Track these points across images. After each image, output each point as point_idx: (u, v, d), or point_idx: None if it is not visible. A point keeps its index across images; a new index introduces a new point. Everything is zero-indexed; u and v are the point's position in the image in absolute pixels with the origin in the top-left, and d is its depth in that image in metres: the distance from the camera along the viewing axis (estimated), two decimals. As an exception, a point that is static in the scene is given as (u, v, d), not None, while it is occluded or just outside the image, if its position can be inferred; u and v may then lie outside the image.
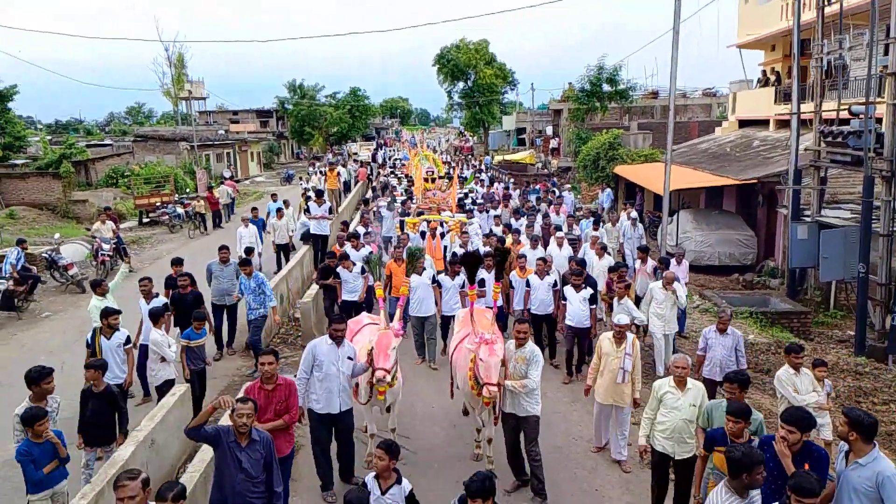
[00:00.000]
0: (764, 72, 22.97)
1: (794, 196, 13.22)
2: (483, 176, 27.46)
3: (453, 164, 31.08)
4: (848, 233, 11.29)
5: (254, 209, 16.25)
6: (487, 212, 16.46)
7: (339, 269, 10.48)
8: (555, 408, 8.25)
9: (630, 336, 7.02)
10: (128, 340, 7.51)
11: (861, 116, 10.90)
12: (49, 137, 47.63)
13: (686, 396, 5.60)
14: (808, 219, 13.05)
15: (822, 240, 11.47)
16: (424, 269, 9.90)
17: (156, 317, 7.75)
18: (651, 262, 10.76)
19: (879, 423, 7.62)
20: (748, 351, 9.32)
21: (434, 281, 9.91)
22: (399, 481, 4.65)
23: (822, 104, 13.09)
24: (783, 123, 19.03)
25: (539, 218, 14.87)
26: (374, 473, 4.68)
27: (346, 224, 14.55)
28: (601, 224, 15.09)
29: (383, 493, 4.58)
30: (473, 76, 51.65)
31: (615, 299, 8.97)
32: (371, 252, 11.16)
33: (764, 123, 21.52)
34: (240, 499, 4.62)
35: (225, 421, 5.68)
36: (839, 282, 12.77)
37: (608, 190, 23.56)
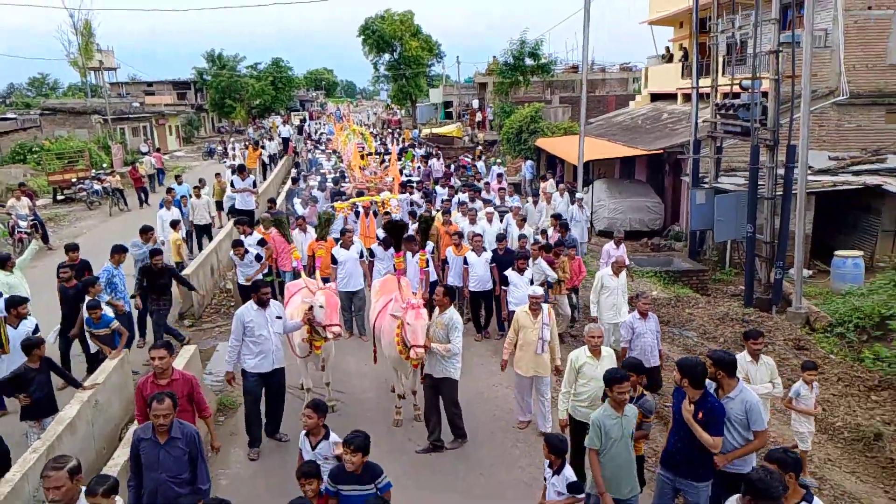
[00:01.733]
0: (667, 48, 24.31)
1: (694, 165, 14.42)
2: (418, 152, 26.74)
3: (386, 141, 30.90)
4: (739, 197, 12.52)
5: (169, 189, 14.99)
6: (426, 192, 15.77)
7: (231, 255, 10.39)
8: (478, 387, 8.31)
9: (545, 306, 7.14)
10: (36, 329, 7.11)
11: (750, 91, 12.03)
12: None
13: (603, 363, 5.76)
14: (706, 185, 14.27)
15: (716, 204, 12.66)
16: (353, 243, 9.95)
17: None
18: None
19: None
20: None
21: (361, 255, 9.93)
22: (327, 436, 4.86)
23: (718, 80, 14.23)
24: (689, 97, 20.39)
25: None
26: (304, 431, 4.90)
27: (272, 201, 14.16)
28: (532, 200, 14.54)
29: (313, 448, 4.84)
30: (399, 48, 51.33)
31: (530, 260, 9.18)
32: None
33: (673, 97, 22.88)
34: (161, 499, 4.39)
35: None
36: (733, 242, 14.10)
37: (530, 162, 24.53)
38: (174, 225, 11.57)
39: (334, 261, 9.75)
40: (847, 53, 15.78)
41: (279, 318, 6.65)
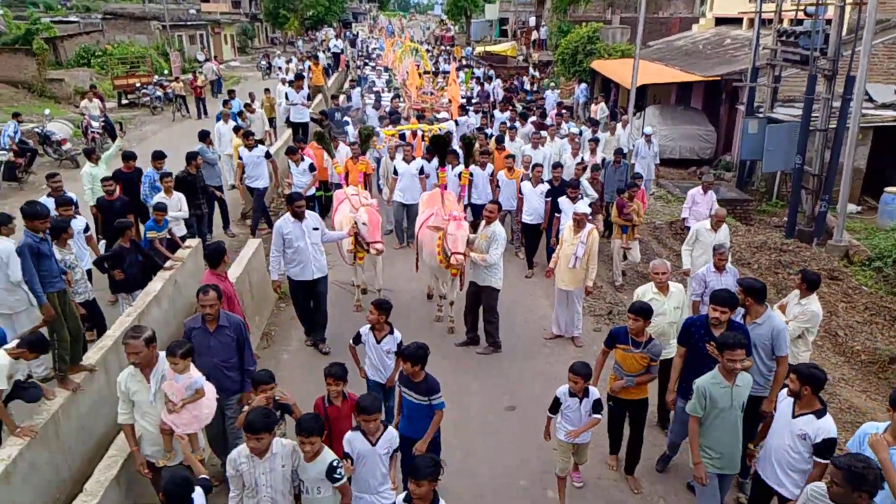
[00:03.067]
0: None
1: (750, 93, 14.18)
2: (477, 73, 26.25)
3: (443, 58, 30.41)
4: (790, 128, 12.38)
5: (226, 102, 15.18)
6: (485, 113, 16.01)
7: (288, 162, 10.71)
8: (519, 298, 8.96)
9: (589, 225, 7.37)
10: (87, 228, 7.51)
11: (814, 17, 11.67)
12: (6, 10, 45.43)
13: (669, 300, 5.80)
14: (761, 115, 14.07)
15: (767, 133, 12.56)
16: (413, 158, 10.31)
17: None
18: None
19: (787, 290, 9.07)
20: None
21: (421, 171, 10.22)
22: (392, 332, 5.23)
23: (782, 4, 13.73)
24: (765, 24, 19.57)
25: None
26: (368, 326, 5.21)
27: (323, 113, 14.23)
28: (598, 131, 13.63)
29: (378, 342, 5.19)
30: (456, -42, 49.77)
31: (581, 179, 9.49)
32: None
33: (738, 21, 21.92)
34: (213, 382, 4.59)
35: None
36: (782, 174, 14.02)
37: (584, 85, 24.18)
38: (236, 131, 12.18)
39: (395, 172, 10.25)
40: (929, -21, 14.92)
41: (316, 229, 6.87)
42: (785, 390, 4.35)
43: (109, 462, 4.29)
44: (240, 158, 10.76)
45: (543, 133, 12.39)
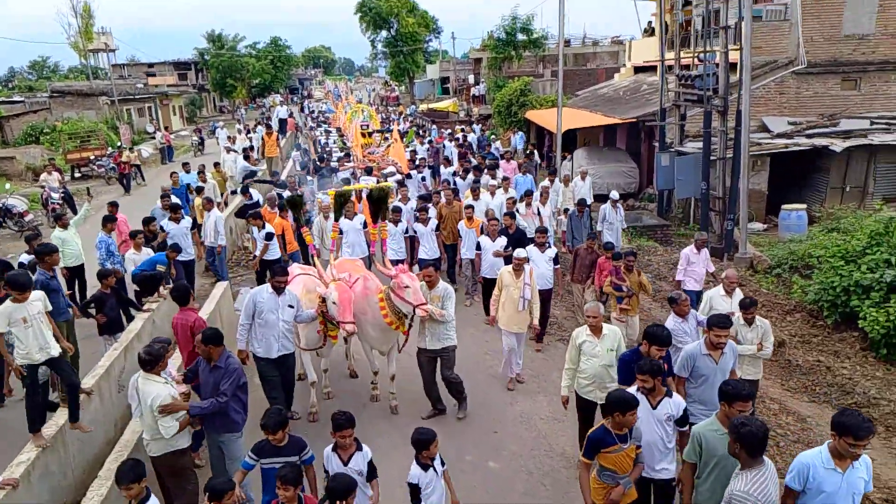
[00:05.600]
0: (649, 22, 25.60)
1: (661, 131, 15.93)
2: (433, 134, 26.14)
3: (392, 118, 31.96)
4: (696, 158, 14.04)
5: (173, 174, 15.09)
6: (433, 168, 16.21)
7: (250, 226, 10.77)
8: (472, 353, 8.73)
9: (527, 267, 7.56)
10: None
11: (705, 62, 13.49)
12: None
13: (603, 342, 5.77)
14: (672, 150, 15.79)
15: (676, 165, 14.19)
16: (356, 214, 10.23)
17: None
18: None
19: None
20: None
21: (365, 225, 10.24)
22: (360, 448, 4.57)
23: (680, 53, 15.65)
24: (670, 69, 21.77)
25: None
26: (331, 447, 4.55)
27: (276, 174, 15.11)
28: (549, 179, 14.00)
29: (346, 463, 4.48)
30: (396, 25, 52.49)
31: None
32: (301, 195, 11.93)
33: (654, 69, 24.19)
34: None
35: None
36: (696, 200, 15.64)
37: (520, 133, 26.01)
38: (199, 191, 13.07)
39: (341, 231, 10.08)
40: (805, 25, 17.16)
41: (291, 307, 6.62)
42: (634, 389, 4.66)
43: (117, 455, 5.07)
44: (162, 229, 10.40)
45: (491, 182, 12.94)
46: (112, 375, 6.36)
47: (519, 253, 7.64)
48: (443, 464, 4.57)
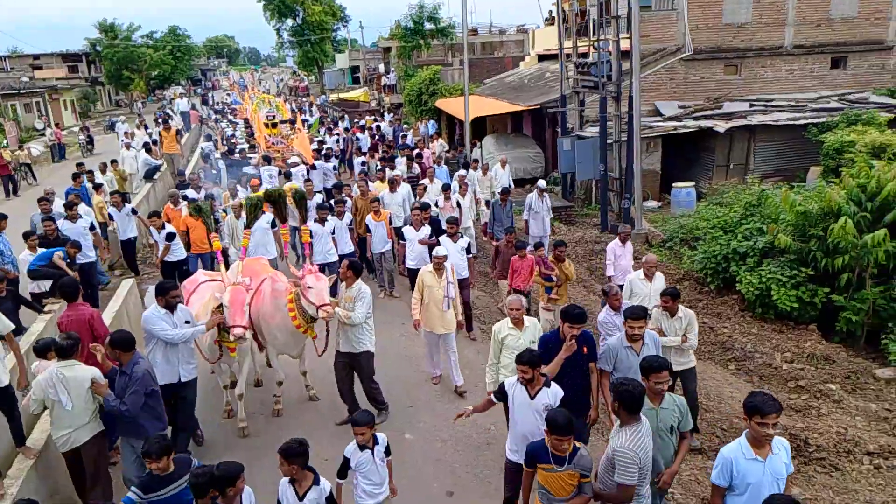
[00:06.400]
0: (550, 11, 26.55)
1: (562, 117, 16.70)
2: (340, 126, 25.33)
3: (295, 109, 31.63)
4: (594, 142, 14.84)
5: (76, 176, 13.42)
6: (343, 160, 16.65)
7: (150, 229, 10.26)
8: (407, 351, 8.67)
9: (447, 265, 7.32)
10: None
11: (598, 50, 14.25)
12: None
13: (525, 334, 5.77)
14: (573, 135, 16.57)
15: (576, 149, 14.94)
16: (263, 212, 9.75)
17: None
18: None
19: (600, 270, 11.00)
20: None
21: (273, 225, 9.86)
22: (317, 481, 4.22)
23: (577, 41, 16.43)
24: (568, 57, 22.70)
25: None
26: (287, 479, 4.20)
27: (181, 174, 14.33)
28: (467, 169, 13.77)
29: (301, 498, 4.16)
30: (302, 13, 51.53)
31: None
32: (209, 196, 11.39)
33: (556, 58, 25.09)
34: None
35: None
36: (596, 182, 16.53)
37: (432, 122, 26.34)
38: (97, 188, 12.57)
39: (247, 227, 9.45)
40: (690, 14, 18.36)
41: (188, 322, 6.10)
42: (513, 379, 4.83)
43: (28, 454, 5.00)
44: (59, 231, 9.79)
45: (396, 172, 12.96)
46: (14, 379, 6.17)
47: (438, 251, 7.38)
48: (388, 453, 4.72)
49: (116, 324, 7.96)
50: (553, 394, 4.75)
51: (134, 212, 11.52)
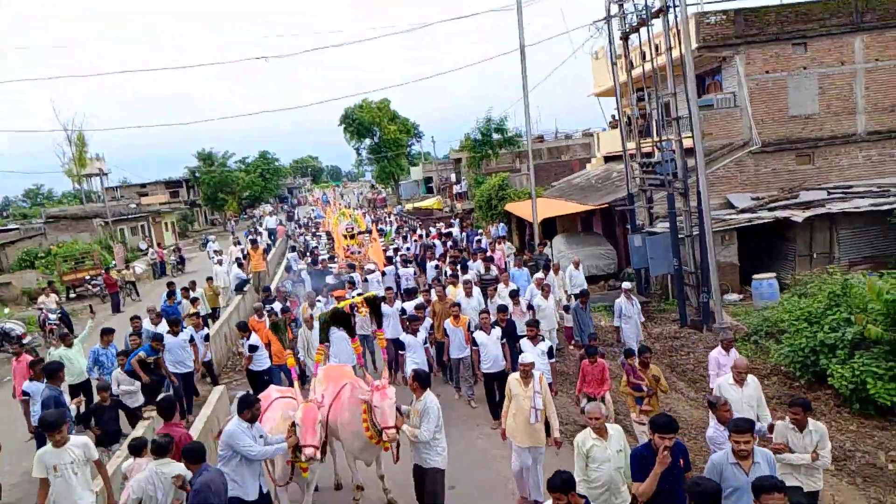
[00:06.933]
0: (612, 116, 27.37)
1: (631, 214, 16.86)
2: (417, 233, 26.41)
3: (372, 219, 33.51)
4: (665, 237, 14.83)
5: (170, 294, 14.54)
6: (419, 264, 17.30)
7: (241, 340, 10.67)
8: (484, 456, 8.45)
9: (536, 373, 6.92)
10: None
11: (662, 150, 14.58)
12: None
13: (611, 443, 5.42)
14: (643, 231, 16.64)
15: (647, 245, 14.95)
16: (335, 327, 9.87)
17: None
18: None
19: (682, 367, 10.76)
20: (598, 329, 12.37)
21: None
22: None
23: (641, 143, 16.87)
24: (633, 157, 23.17)
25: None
26: None
27: (267, 290, 15.10)
28: (547, 271, 13.59)
29: None
30: (379, 132, 55.38)
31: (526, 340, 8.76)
32: (285, 309, 12.00)
33: (620, 158, 25.65)
34: None
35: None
36: (672, 276, 16.32)
37: (502, 224, 27.07)
38: (194, 301, 13.61)
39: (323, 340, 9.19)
40: (754, 109, 18.60)
41: (262, 436, 6.08)
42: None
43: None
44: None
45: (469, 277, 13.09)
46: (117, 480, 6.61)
47: (524, 358, 6.99)
48: None
49: (207, 429, 8.41)
50: None
51: (206, 338, 11.81)
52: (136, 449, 6.31)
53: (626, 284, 11.91)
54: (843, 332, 9.20)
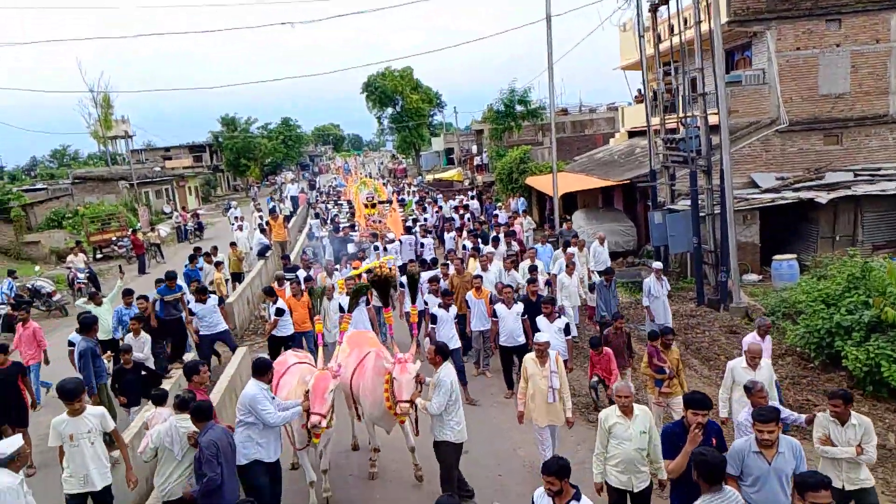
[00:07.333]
0: (639, 90, 26.96)
1: (653, 191, 16.79)
2: (438, 204, 26.80)
3: (393, 189, 33.63)
4: (686, 215, 14.77)
5: (192, 258, 14.61)
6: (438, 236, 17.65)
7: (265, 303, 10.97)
8: (498, 426, 8.58)
9: (552, 353, 6.91)
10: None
11: (687, 126, 14.44)
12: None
13: (635, 423, 5.38)
14: (664, 208, 16.56)
15: (668, 222, 14.92)
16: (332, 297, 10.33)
17: None
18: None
19: (696, 345, 10.79)
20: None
21: (340, 310, 9.72)
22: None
23: (665, 118, 16.69)
24: (657, 133, 22.89)
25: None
26: None
27: (286, 258, 15.36)
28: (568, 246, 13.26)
29: None
30: (401, 102, 55.10)
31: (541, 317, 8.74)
32: (309, 278, 12.15)
33: (645, 133, 25.34)
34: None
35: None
36: (691, 255, 16.28)
37: (521, 199, 26.99)
38: (218, 265, 13.92)
39: (341, 309, 9.63)
40: (783, 87, 18.23)
41: (273, 399, 6.24)
42: (540, 491, 4.57)
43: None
44: (192, 313, 10.69)
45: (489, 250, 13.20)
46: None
47: (539, 337, 7.03)
48: None
49: (231, 388, 8.73)
50: None
51: (221, 302, 11.69)
52: (159, 399, 6.53)
53: (656, 264, 11.68)
54: (860, 314, 9.19)
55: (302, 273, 12.80)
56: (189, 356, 10.45)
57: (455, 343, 9.41)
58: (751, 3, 18.07)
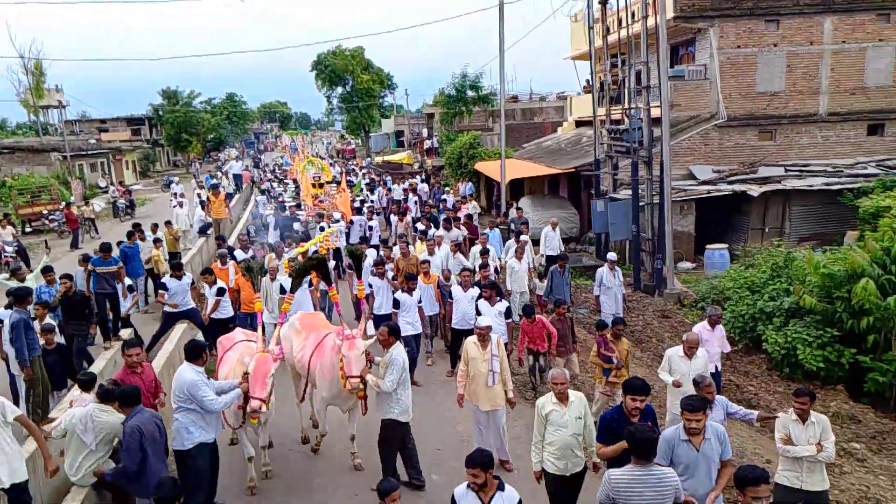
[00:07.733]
0: (587, 80, 27.47)
1: (596, 180, 17.23)
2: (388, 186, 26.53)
3: (341, 170, 33.26)
4: (626, 203, 15.24)
5: (130, 234, 13.51)
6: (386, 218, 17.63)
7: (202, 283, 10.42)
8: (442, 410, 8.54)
9: (494, 337, 6.92)
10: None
11: (631, 118, 14.85)
12: None
13: (571, 410, 5.45)
14: (606, 197, 17.03)
15: (609, 210, 15.36)
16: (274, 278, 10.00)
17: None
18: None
19: (630, 328, 11.16)
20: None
21: (311, 284, 10.02)
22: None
23: (611, 109, 17.11)
24: (603, 123, 23.42)
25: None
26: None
27: (222, 238, 14.33)
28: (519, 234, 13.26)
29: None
30: (351, 81, 54.27)
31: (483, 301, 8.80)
32: (254, 257, 11.77)
33: (592, 123, 25.90)
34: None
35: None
36: (631, 241, 16.82)
37: (469, 184, 27.20)
38: (156, 242, 13.54)
39: (282, 290, 9.63)
40: (723, 83, 18.95)
41: (209, 380, 6.12)
42: (462, 487, 4.41)
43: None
44: (165, 288, 10.23)
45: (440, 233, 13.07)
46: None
47: (481, 321, 7.01)
48: None
49: (168, 364, 8.56)
50: (509, 498, 4.37)
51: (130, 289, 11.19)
52: (84, 384, 6.15)
53: (611, 255, 11.68)
54: (781, 301, 9.77)
55: (240, 254, 12.41)
56: (125, 333, 10.18)
57: (416, 329, 9.38)
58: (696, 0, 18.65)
